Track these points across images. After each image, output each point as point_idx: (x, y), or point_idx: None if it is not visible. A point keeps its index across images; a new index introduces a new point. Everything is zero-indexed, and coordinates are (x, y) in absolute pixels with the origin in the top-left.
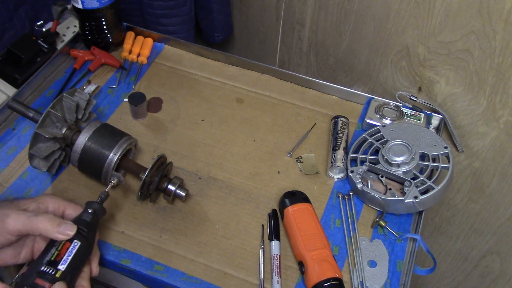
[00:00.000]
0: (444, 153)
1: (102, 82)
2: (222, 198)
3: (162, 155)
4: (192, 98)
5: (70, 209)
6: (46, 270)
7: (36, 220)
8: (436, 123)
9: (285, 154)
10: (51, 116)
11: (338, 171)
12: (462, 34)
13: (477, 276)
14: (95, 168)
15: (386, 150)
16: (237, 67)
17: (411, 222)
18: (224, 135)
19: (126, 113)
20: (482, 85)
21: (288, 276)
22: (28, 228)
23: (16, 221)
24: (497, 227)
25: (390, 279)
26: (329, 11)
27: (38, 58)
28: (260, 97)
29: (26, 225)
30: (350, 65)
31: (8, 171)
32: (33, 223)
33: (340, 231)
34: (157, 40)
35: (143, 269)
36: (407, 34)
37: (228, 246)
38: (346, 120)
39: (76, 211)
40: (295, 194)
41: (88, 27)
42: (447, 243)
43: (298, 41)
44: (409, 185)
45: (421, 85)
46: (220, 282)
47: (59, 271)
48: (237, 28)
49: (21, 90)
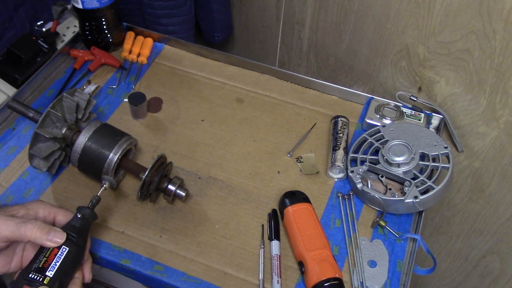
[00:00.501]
0: (444, 153)
1: (102, 82)
2: (222, 198)
3: (162, 155)
4: (192, 98)
5: (61, 215)
6: (34, 277)
7: (24, 227)
8: (436, 123)
9: (285, 154)
10: (51, 116)
11: (338, 171)
12: (462, 34)
13: (477, 276)
14: (95, 168)
15: (386, 150)
16: (237, 67)
17: (411, 222)
18: (224, 135)
19: (126, 113)
20: (482, 85)
21: (288, 276)
22: (17, 235)
23: (3, 227)
24: (497, 227)
25: (390, 279)
26: (329, 11)
27: (38, 58)
28: (260, 97)
29: (14, 232)
30: (350, 65)
31: (8, 171)
32: (21, 230)
33: (340, 231)
34: (157, 40)
35: (143, 269)
36: (407, 34)
37: (228, 246)
38: (346, 120)
39: (67, 217)
40: (295, 194)
41: (88, 27)
42: (447, 243)
43: (298, 41)
44: (409, 185)
45: (421, 85)
46: (220, 282)
47: (47, 277)
48: (237, 28)
49: (21, 90)
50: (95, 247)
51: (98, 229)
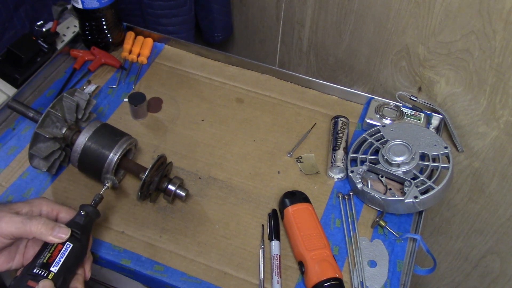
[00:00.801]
0: (444, 153)
1: (102, 82)
2: (222, 198)
3: (162, 155)
4: (192, 98)
5: (64, 213)
6: (38, 272)
7: (29, 223)
8: (436, 123)
9: (285, 154)
10: (51, 116)
11: (338, 171)
12: (462, 34)
13: (477, 276)
14: (95, 168)
15: (386, 150)
16: (237, 67)
17: (411, 222)
18: (224, 135)
19: (126, 113)
20: (482, 85)
21: (288, 276)
22: (22, 232)
23: (9, 224)
24: (497, 227)
25: (390, 279)
26: (329, 11)
27: (38, 58)
28: (260, 97)
29: (19, 228)
30: (350, 65)
31: (8, 171)
32: (26, 226)
33: (340, 231)
34: (157, 40)
35: (143, 269)
36: (407, 34)
37: (228, 246)
38: (346, 120)
39: (69, 215)
40: (295, 194)
41: (88, 27)
42: (447, 243)
43: (298, 41)
44: (409, 185)
45: (421, 85)
46: (220, 282)
47: (51, 273)
48: (237, 28)
49: (21, 90)
50: (95, 247)
51: (98, 229)
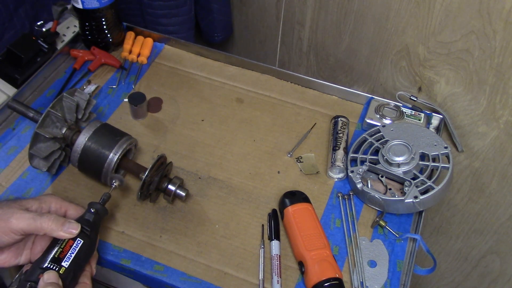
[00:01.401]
0: (444, 153)
1: (102, 82)
2: (222, 198)
3: (162, 155)
4: (192, 98)
5: (72, 210)
6: (50, 266)
7: (40, 219)
8: (436, 123)
9: (285, 154)
10: (51, 116)
11: (338, 171)
12: (462, 34)
13: (477, 276)
14: (95, 168)
15: (386, 150)
16: (237, 67)
17: (411, 222)
18: (224, 135)
19: (126, 113)
20: (482, 85)
21: (288, 276)
22: (32, 228)
23: (20, 220)
24: (497, 227)
25: (390, 279)
26: (329, 11)
27: (38, 58)
28: (260, 97)
29: (30, 224)
30: (350, 65)
31: (8, 171)
32: (37, 222)
33: (340, 231)
34: (157, 40)
35: (143, 269)
36: (407, 34)
37: (228, 246)
38: (346, 120)
39: (77, 212)
40: (295, 194)
41: (88, 27)
42: (447, 243)
43: (298, 41)
44: (409, 185)
45: (421, 85)
46: (220, 282)
47: (62, 267)
48: (237, 28)
49: (21, 90)
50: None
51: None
